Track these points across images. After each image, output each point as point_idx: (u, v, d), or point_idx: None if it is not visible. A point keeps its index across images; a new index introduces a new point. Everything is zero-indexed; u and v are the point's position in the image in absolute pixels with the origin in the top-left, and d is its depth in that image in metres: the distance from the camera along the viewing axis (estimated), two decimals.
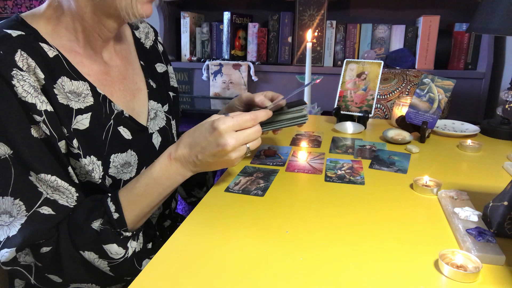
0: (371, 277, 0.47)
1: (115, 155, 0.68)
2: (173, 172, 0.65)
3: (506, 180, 0.76)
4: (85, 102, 0.65)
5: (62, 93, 0.62)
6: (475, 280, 0.46)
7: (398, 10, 1.85)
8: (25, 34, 0.61)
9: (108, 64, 0.73)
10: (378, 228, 0.58)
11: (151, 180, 0.64)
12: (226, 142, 0.63)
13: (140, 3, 0.64)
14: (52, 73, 0.61)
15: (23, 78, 0.57)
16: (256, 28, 1.89)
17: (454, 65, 1.74)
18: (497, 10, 0.94)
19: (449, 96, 1.00)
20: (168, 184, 0.65)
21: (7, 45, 0.57)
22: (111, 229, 0.60)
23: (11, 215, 0.57)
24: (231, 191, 0.70)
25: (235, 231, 0.57)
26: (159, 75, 0.85)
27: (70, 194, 0.61)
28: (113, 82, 0.72)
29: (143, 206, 0.64)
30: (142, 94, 0.78)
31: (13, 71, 0.56)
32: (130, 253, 0.62)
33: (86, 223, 0.60)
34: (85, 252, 0.59)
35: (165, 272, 0.48)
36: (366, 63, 1.13)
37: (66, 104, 0.62)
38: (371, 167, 0.82)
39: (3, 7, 2.27)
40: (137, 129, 0.74)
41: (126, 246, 0.61)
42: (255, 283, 0.46)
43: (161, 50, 0.88)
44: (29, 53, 0.59)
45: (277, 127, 0.84)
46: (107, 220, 0.60)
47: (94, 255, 0.60)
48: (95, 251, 0.60)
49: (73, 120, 0.63)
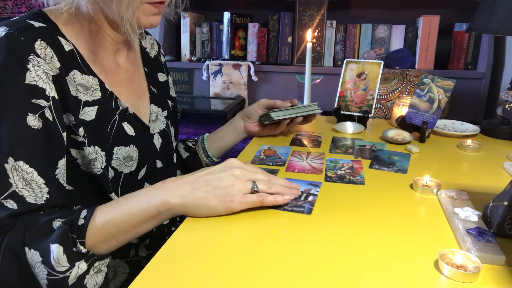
0: (371, 277, 0.47)
1: (118, 147, 0.71)
2: (156, 193, 0.58)
3: (506, 180, 0.76)
4: (93, 96, 0.69)
5: (73, 85, 0.66)
6: (475, 280, 0.46)
7: (398, 10, 1.84)
8: (46, 26, 0.64)
9: (119, 66, 0.77)
10: (378, 228, 0.58)
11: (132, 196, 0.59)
12: (234, 166, 0.61)
13: (146, 15, 0.68)
14: (66, 65, 0.65)
15: (38, 64, 0.60)
16: (256, 28, 1.89)
17: (454, 65, 1.74)
18: (497, 10, 0.94)
19: (449, 96, 1.00)
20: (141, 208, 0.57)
21: (29, 33, 0.61)
22: (68, 232, 0.54)
23: None
24: None
25: (235, 231, 0.57)
26: (160, 84, 0.89)
27: (40, 192, 0.57)
28: (121, 83, 0.76)
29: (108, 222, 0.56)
30: (146, 97, 0.83)
31: (30, 56, 0.60)
32: (73, 273, 0.53)
33: (48, 219, 0.55)
34: (30, 250, 0.53)
35: (165, 272, 0.48)
36: (366, 63, 1.13)
37: (75, 95, 0.66)
38: (371, 167, 0.82)
39: (3, 7, 2.27)
40: (141, 128, 0.77)
41: (74, 262, 0.53)
42: (255, 283, 0.46)
43: (163, 61, 0.94)
44: (48, 43, 0.63)
45: (290, 115, 0.94)
46: (70, 222, 0.55)
47: (37, 257, 0.52)
48: (41, 252, 0.52)
49: (81, 110, 0.66)
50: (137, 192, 0.60)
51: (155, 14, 0.69)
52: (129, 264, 0.77)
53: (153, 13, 0.68)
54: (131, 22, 0.65)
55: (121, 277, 0.76)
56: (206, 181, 0.59)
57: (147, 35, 0.92)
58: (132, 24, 0.66)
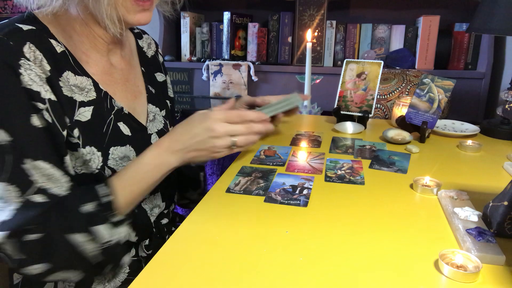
0: (371, 277, 0.47)
1: (115, 148, 0.71)
2: (162, 159, 0.68)
3: (506, 180, 0.76)
4: (88, 96, 0.69)
5: (67, 85, 0.66)
6: (475, 280, 0.46)
7: (398, 10, 1.84)
8: (35, 29, 0.64)
9: (113, 66, 0.76)
10: (378, 228, 0.58)
11: (141, 167, 0.67)
12: (214, 127, 0.68)
13: (131, 13, 0.67)
14: (58, 66, 0.65)
15: (29, 67, 0.60)
16: (256, 28, 1.89)
17: (454, 65, 1.73)
18: (497, 10, 0.94)
19: (449, 96, 1.00)
20: (157, 171, 0.68)
21: (17, 37, 0.61)
22: (102, 212, 0.61)
23: (4, 201, 0.58)
24: (232, 191, 0.70)
25: (235, 231, 0.57)
26: (158, 83, 0.89)
27: (61, 183, 0.62)
28: (116, 82, 0.76)
29: (133, 192, 0.67)
30: (143, 97, 0.82)
31: (21, 60, 0.59)
32: (116, 239, 0.63)
33: (77, 205, 0.61)
34: (75, 235, 0.59)
35: (165, 272, 0.48)
36: (366, 63, 1.13)
37: (70, 96, 0.66)
38: (371, 167, 0.82)
39: (3, 7, 2.27)
40: (137, 128, 0.77)
41: (116, 230, 0.63)
42: (255, 283, 0.46)
43: (161, 61, 0.93)
44: (38, 46, 0.62)
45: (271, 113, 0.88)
46: (98, 202, 0.62)
47: (82, 238, 0.59)
48: (84, 234, 0.60)
49: (76, 111, 0.66)
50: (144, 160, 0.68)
51: (142, 11, 0.68)
52: (128, 264, 0.77)
53: (138, 10, 0.67)
54: (112, 19, 0.65)
55: (120, 277, 0.76)
56: (194, 146, 0.69)
57: (144, 35, 0.91)
58: (113, 20, 0.66)
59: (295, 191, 0.70)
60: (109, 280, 0.73)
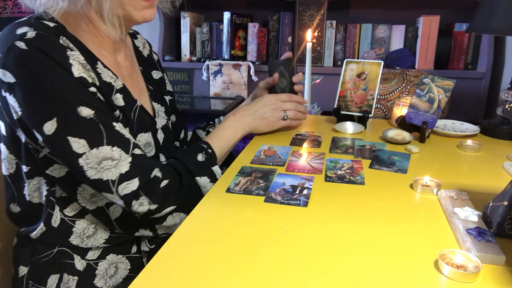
0: (371, 277, 0.47)
1: (141, 134, 0.78)
2: (239, 125, 0.90)
3: (506, 180, 0.76)
4: (116, 84, 0.73)
5: (104, 72, 0.71)
6: (475, 280, 0.46)
7: (398, 10, 1.85)
8: (57, 25, 0.68)
9: (120, 64, 0.80)
10: (378, 228, 0.58)
11: (225, 130, 0.87)
12: (271, 102, 0.96)
13: (137, 9, 0.70)
14: (89, 58, 0.69)
15: (74, 57, 0.64)
16: (256, 28, 1.89)
17: (454, 65, 1.74)
18: (497, 10, 0.94)
19: (449, 96, 1.00)
20: (235, 134, 0.88)
21: (50, 32, 0.65)
22: (210, 159, 0.77)
23: (113, 159, 0.65)
24: (232, 191, 0.70)
25: (235, 231, 0.57)
26: (155, 81, 0.92)
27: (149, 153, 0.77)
28: (124, 79, 0.79)
29: (223, 148, 0.85)
30: (146, 94, 0.86)
31: (67, 52, 0.64)
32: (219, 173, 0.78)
33: (191, 155, 0.76)
34: (201, 178, 0.73)
35: (165, 272, 0.48)
36: (366, 63, 1.13)
37: (108, 82, 0.71)
38: (371, 167, 0.82)
39: (3, 7, 2.27)
40: (149, 121, 0.82)
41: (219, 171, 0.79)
42: (255, 283, 0.46)
43: (156, 59, 0.97)
44: (69, 40, 0.67)
45: None
46: (206, 152, 0.78)
47: (207, 179, 0.74)
48: (208, 176, 0.74)
49: (113, 95, 0.71)
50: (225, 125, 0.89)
51: (147, 7, 0.71)
52: (130, 260, 0.77)
53: (145, 6, 0.70)
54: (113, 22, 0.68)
55: (122, 273, 0.76)
56: (259, 115, 0.94)
57: (138, 35, 0.94)
58: (114, 24, 0.69)
59: (295, 191, 0.70)
60: (110, 277, 0.73)
